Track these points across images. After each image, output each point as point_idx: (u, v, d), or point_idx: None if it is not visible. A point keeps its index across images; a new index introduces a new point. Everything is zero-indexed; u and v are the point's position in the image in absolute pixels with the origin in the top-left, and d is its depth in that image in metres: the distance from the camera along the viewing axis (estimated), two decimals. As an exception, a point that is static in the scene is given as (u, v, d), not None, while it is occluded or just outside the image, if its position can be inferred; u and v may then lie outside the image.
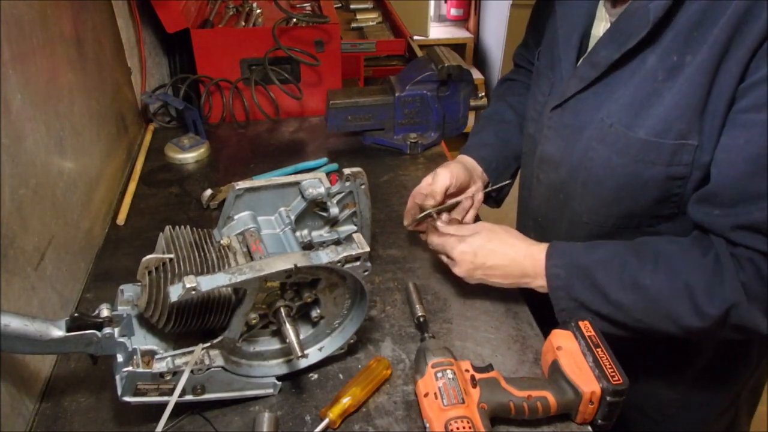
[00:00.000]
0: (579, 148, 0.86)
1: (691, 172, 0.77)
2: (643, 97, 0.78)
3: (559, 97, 0.89)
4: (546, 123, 0.93)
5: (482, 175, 1.09)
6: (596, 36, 0.87)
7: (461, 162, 1.07)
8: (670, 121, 0.75)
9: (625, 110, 0.79)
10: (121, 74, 1.31)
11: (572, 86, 0.86)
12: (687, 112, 0.74)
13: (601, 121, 0.82)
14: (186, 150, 1.32)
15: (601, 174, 0.84)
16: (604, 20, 0.86)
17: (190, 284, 0.61)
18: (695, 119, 0.74)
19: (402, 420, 0.76)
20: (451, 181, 0.99)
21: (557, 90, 0.90)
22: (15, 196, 0.76)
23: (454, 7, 3.73)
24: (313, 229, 0.90)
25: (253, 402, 0.78)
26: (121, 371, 0.68)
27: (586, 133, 0.85)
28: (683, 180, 0.78)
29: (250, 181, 0.84)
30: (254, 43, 1.42)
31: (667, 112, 0.75)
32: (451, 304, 0.95)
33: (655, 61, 0.76)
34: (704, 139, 0.74)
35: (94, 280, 0.99)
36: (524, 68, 1.20)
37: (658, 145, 0.77)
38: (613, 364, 0.74)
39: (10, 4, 0.79)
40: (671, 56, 0.75)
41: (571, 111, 0.87)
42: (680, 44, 0.74)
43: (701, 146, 0.75)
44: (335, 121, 1.33)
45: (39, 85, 0.87)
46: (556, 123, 0.91)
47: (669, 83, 0.75)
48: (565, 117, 0.89)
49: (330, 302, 0.78)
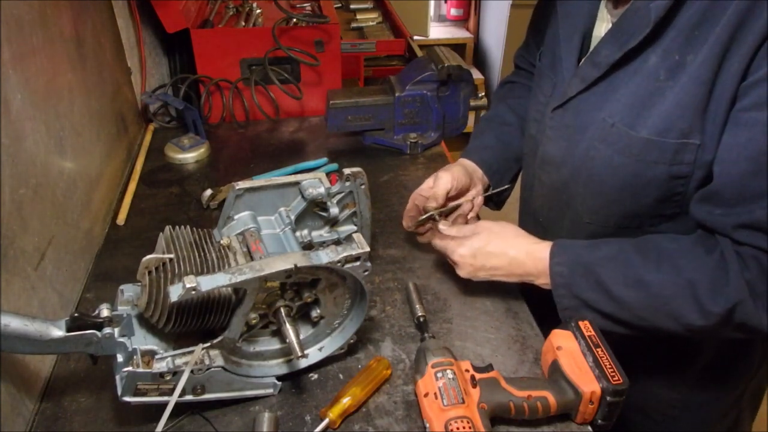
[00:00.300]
0: (581, 149, 0.86)
1: (693, 171, 0.77)
2: (645, 97, 0.77)
3: (560, 98, 0.89)
4: (548, 123, 0.92)
5: (483, 178, 1.08)
6: (598, 36, 0.87)
7: (462, 165, 1.07)
8: (672, 120, 0.75)
9: (627, 110, 0.79)
10: (121, 74, 1.31)
11: (574, 86, 0.86)
12: (689, 111, 0.74)
13: (603, 121, 0.82)
14: (186, 150, 1.32)
15: (603, 174, 0.84)
16: (605, 21, 0.86)
17: (190, 284, 0.61)
18: (697, 118, 0.74)
19: (402, 420, 0.76)
20: (453, 183, 0.99)
21: (559, 90, 0.90)
22: (15, 196, 0.76)
23: (454, 7, 3.73)
24: (313, 229, 0.90)
25: (253, 402, 0.78)
26: (121, 371, 0.68)
27: (588, 133, 0.85)
28: (686, 179, 0.78)
29: (250, 181, 0.84)
30: (254, 43, 1.42)
31: (669, 111, 0.75)
32: (451, 304, 0.95)
33: (657, 60, 0.76)
34: (706, 138, 0.74)
35: (94, 280, 0.99)
36: (525, 70, 1.19)
37: (660, 144, 0.77)
38: (613, 364, 0.73)
39: (10, 4, 0.79)
40: (673, 55, 0.75)
41: (573, 111, 0.87)
42: (682, 43, 0.74)
43: (703, 145, 0.75)
44: (335, 121, 1.33)
45: (39, 85, 0.87)
46: (557, 123, 0.90)
47: (671, 82, 0.75)
48: (566, 117, 0.88)
49: (330, 302, 0.78)
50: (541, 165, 0.96)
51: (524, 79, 1.19)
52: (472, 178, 1.05)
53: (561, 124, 0.90)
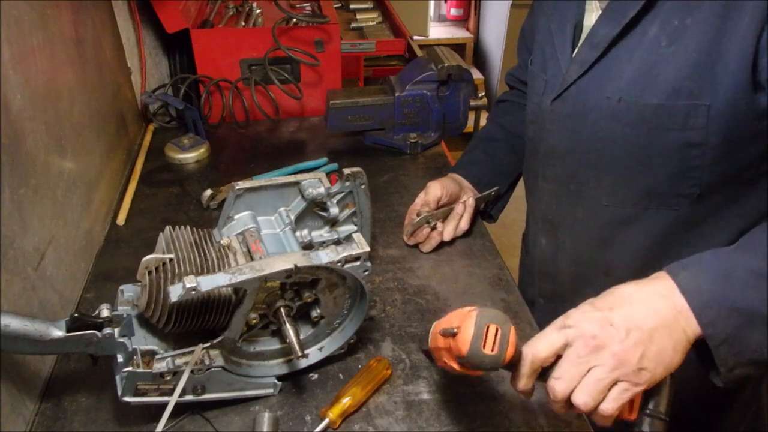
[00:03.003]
0: (586, 135, 0.86)
1: (707, 138, 0.76)
2: (650, 66, 0.77)
3: (558, 88, 0.88)
4: (547, 117, 0.92)
5: (472, 189, 1.12)
6: (588, 26, 0.87)
7: (451, 177, 1.12)
8: (680, 83, 0.75)
9: (633, 83, 0.79)
10: (121, 74, 1.31)
11: (572, 72, 0.85)
12: (695, 71, 0.74)
13: (608, 100, 0.81)
14: (186, 150, 1.32)
15: (615, 151, 0.83)
16: (594, 10, 0.86)
17: (190, 284, 0.61)
18: (705, 79, 0.73)
19: (402, 420, 0.76)
20: (442, 191, 1.04)
21: (552, 85, 0.90)
22: (15, 196, 0.76)
23: (454, 7, 3.73)
24: (313, 229, 0.90)
25: (253, 402, 0.78)
26: (121, 371, 0.68)
27: (592, 115, 0.84)
28: (700, 148, 0.77)
29: (250, 181, 0.84)
30: (254, 43, 1.42)
31: (676, 74, 0.75)
32: (451, 304, 0.95)
33: (657, 29, 0.76)
34: (718, 99, 0.74)
35: (94, 280, 0.99)
36: (516, 88, 1.22)
37: (669, 108, 0.76)
38: None
39: (10, 4, 0.79)
40: (672, 22, 0.75)
41: (573, 99, 0.87)
42: (680, 9, 0.74)
43: (714, 107, 0.74)
44: (335, 121, 1.33)
45: (39, 85, 0.87)
46: (557, 115, 0.90)
47: (673, 47, 0.75)
48: (566, 107, 0.88)
49: (330, 302, 0.78)
50: (544, 161, 0.96)
51: (516, 97, 1.21)
52: (461, 187, 1.10)
53: (561, 115, 0.89)
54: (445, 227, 1.05)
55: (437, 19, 3.78)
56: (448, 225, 1.05)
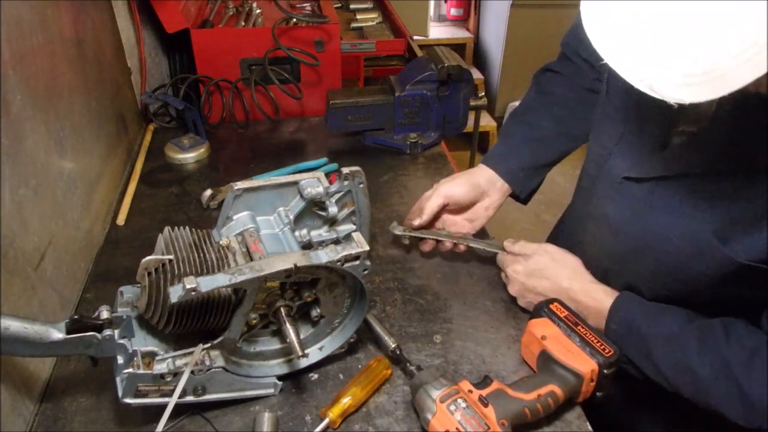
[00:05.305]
0: (650, 230, 0.75)
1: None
2: (751, 216, 0.64)
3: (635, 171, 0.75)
4: (614, 185, 0.80)
5: (502, 187, 1.02)
6: None
7: (475, 174, 1.02)
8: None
9: (721, 221, 0.66)
10: (121, 74, 1.31)
11: (656, 168, 0.73)
12: None
13: (685, 216, 0.70)
14: (186, 150, 1.32)
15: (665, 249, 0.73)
16: None
17: (189, 285, 0.61)
18: None
19: (402, 420, 0.76)
20: (446, 201, 0.99)
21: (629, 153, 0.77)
22: (15, 196, 0.76)
23: (454, 7, 3.73)
24: (312, 228, 0.90)
25: (254, 402, 0.78)
26: (121, 373, 0.68)
27: (663, 217, 0.73)
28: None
29: (248, 181, 0.83)
30: (254, 43, 1.42)
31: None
32: (451, 304, 0.95)
33: None
34: None
35: (94, 280, 0.98)
36: (571, 61, 1.05)
37: (753, 269, 0.64)
38: (599, 338, 0.74)
39: (10, 4, 0.79)
40: None
41: (648, 189, 0.75)
42: None
43: None
44: (335, 121, 1.33)
45: (39, 85, 0.87)
46: (626, 192, 0.77)
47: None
48: (639, 191, 0.76)
49: (330, 301, 0.78)
50: (595, 220, 0.86)
51: (569, 71, 1.05)
52: (482, 190, 1.01)
53: (629, 193, 0.77)
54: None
55: (437, 19, 3.78)
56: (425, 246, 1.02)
